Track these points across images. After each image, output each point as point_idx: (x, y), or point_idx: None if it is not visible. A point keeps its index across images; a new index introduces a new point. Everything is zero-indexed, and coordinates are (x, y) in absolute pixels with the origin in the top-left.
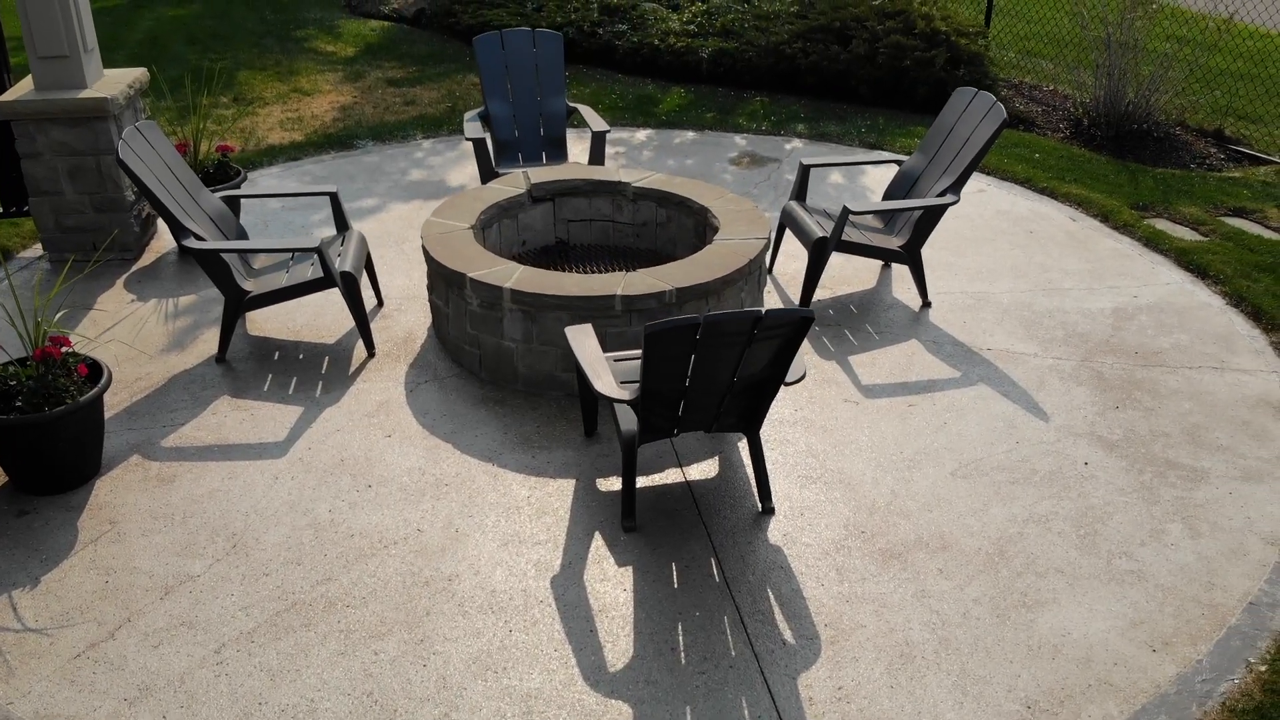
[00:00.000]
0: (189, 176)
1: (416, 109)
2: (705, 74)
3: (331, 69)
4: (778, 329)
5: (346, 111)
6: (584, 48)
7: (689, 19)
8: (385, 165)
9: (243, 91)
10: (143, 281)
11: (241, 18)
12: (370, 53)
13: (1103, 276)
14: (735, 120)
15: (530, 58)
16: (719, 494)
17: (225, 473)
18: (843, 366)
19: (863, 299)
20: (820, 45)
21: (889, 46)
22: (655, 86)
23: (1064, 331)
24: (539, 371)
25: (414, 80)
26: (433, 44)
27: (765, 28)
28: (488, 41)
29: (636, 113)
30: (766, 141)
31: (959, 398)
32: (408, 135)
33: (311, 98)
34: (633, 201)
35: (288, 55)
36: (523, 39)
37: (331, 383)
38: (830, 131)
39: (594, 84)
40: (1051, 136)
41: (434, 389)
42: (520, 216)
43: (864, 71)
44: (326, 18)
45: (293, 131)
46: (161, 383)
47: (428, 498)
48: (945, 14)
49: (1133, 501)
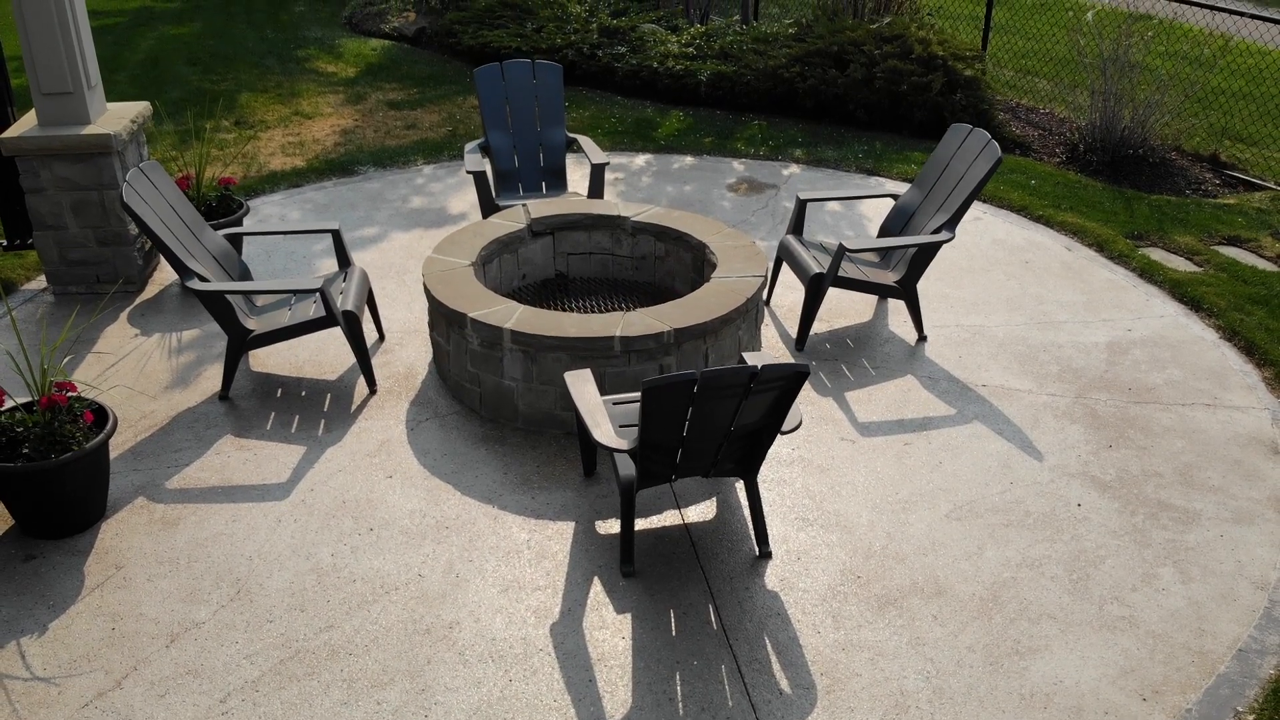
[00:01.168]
0: (191, 215)
1: (417, 133)
2: (704, 97)
3: (333, 90)
4: (774, 383)
5: (348, 135)
6: (583, 70)
7: (687, 41)
8: (386, 192)
9: (244, 115)
10: (146, 315)
11: (242, 36)
12: (371, 73)
13: (1097, 309)
14: (733, 145)
15: (530, 89)
16: (717, 537)
17: (229, 515)
18: (839, 404)
19: (859, 332)
20: (818, 69)
21: (886, 71)
22: (654, 109)
23: (1059, 367)
24: (539, 410)
25: (414, 102)
26: (433, 64)
27: (763, 51)
28: (488, 73)
29: (635, 137)
30: (764, 167)
31: (954, 436)
32: (408, 160)
33: (313, 121)
34: (632, 235)
35: (289, 76)
36: (522, 70)
37: (334, 421)
38: (827, 157)
39: (593, 107)
40: (1048, 161)
41: (435, 427)
42: (520, 251)
43: (861, 95)
44: (328, 37)
45: (294, 157)
46: (165, 421)
47: (429, 541)
48: (942, 38)
49: (1125, 545)
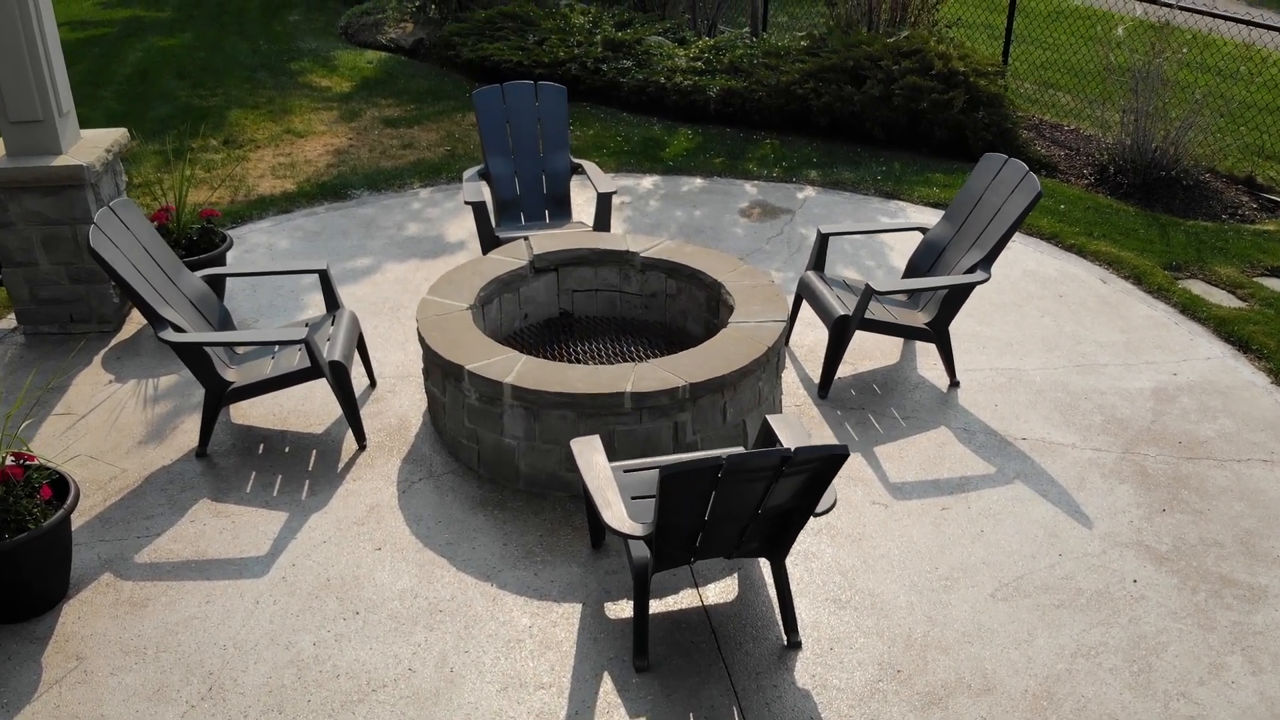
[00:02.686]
0: (167, 257)
1: (414, 153)
2: (713, 114)
3: (326, 107)
4: (808, 465)
5: (341, 156)
6: (587, 85)
7: (695, 55)
8: (380, 218)
9: (234, 133)
10: (121, 358)
11: (234, 48)
12: (367, 88)
13: (1139, 350)
14: (745, 166)
15: (532, 112)
16: (740, 622)
17: (202, 595)
18: (869, 461)
19: (886, 376)
20: (833, 86)
21: (905, 88)
22: (661, 127)
23: (1102, 417)
24: (542, 471)
25: (411, 120)
26: (431, 78)
27: (775, 66)
28: (488, 95)
29: (642, 158)
30: (778, 190)
31: (995, 499)
32: (404, 183)
33: (305, 139)
34: (641, 272)
35: (281, 91)
36: (524, 92)
37: (319, 481)
38: (844, 179)
39: (598, 124)
40: (1076, 183)
41: (429, 489)
42: (522, 290)
43: (879, 113)
44: (322, 48)
45: (285, 179)
46: (138, 483)
47: (420, 627)
48: (963, 52)
49: (1188, 629)
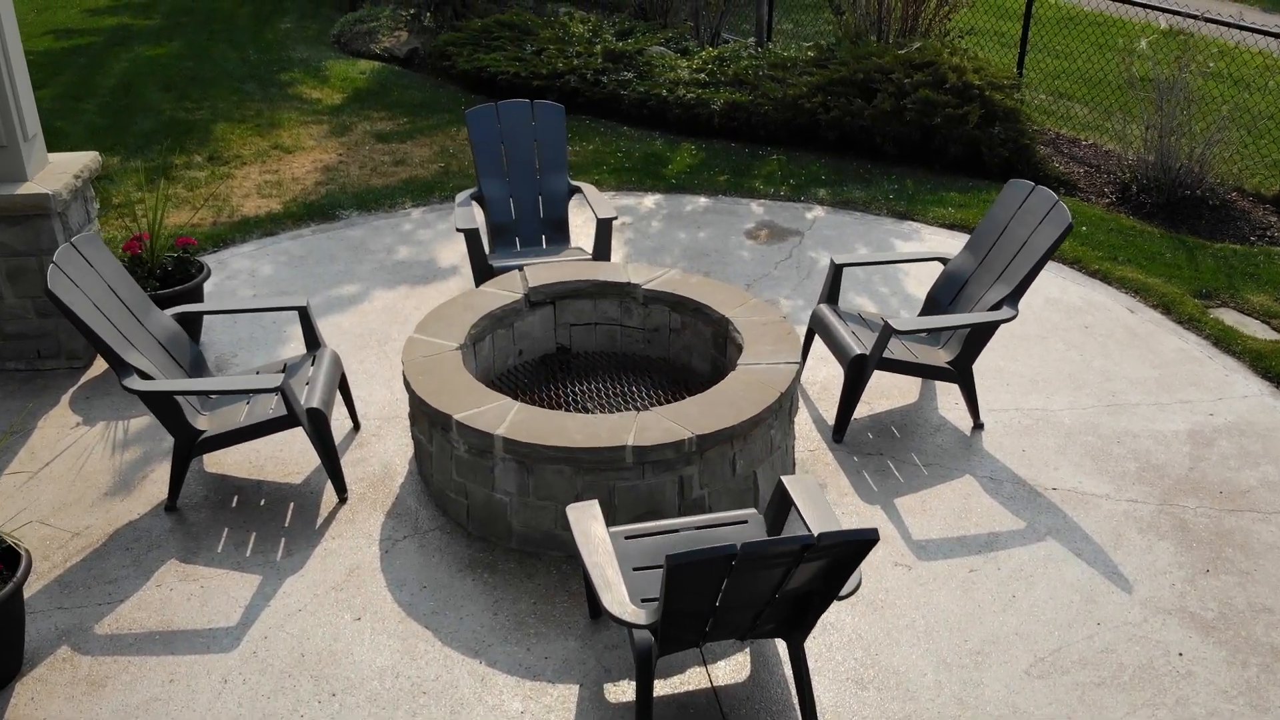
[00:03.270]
0: (135, 296)
1: (406, 170)
2: (717, 128)
3: (316, 120)
4: (832, 550)
5: (330, 173)
6: (587, 97)
7: (698, 66)
8: (370, 240)
9: (219, 149)
10: (91, 397)
11: (223, 57)
12: (358, 100)
13: (1172, 387)
14: (751, 183)
15: (528, 131)
16: (752, 706)
17: (166, 673)
18: (890, 515)
19: (905, 417)
20: (842, 99)
21: (917, 102)
22: (664, 142)
23: (1137, 464)
24: (536, 529)
25: (404, 134)
26: (425, 89)
27: (781, 78)
28: (481, 115)
29: (644, 175)
30: (785, 209)
31: (1026, 559)
32: (396, 203)
33: (293, 156)
34: (643, 305)
35: (270, 104)
36: (520, 111)
37: (295, 539)
38: (855, 197)
39: (598, 139)
40: (1097, 203)
41: (413, 547)
42: (516, 325)
43: (890, 128)
44: (314, 58)
45: (270, 199)
46: (102, 540)
47: (402, 712)
48: (978, 65)
49: (1240, 710)
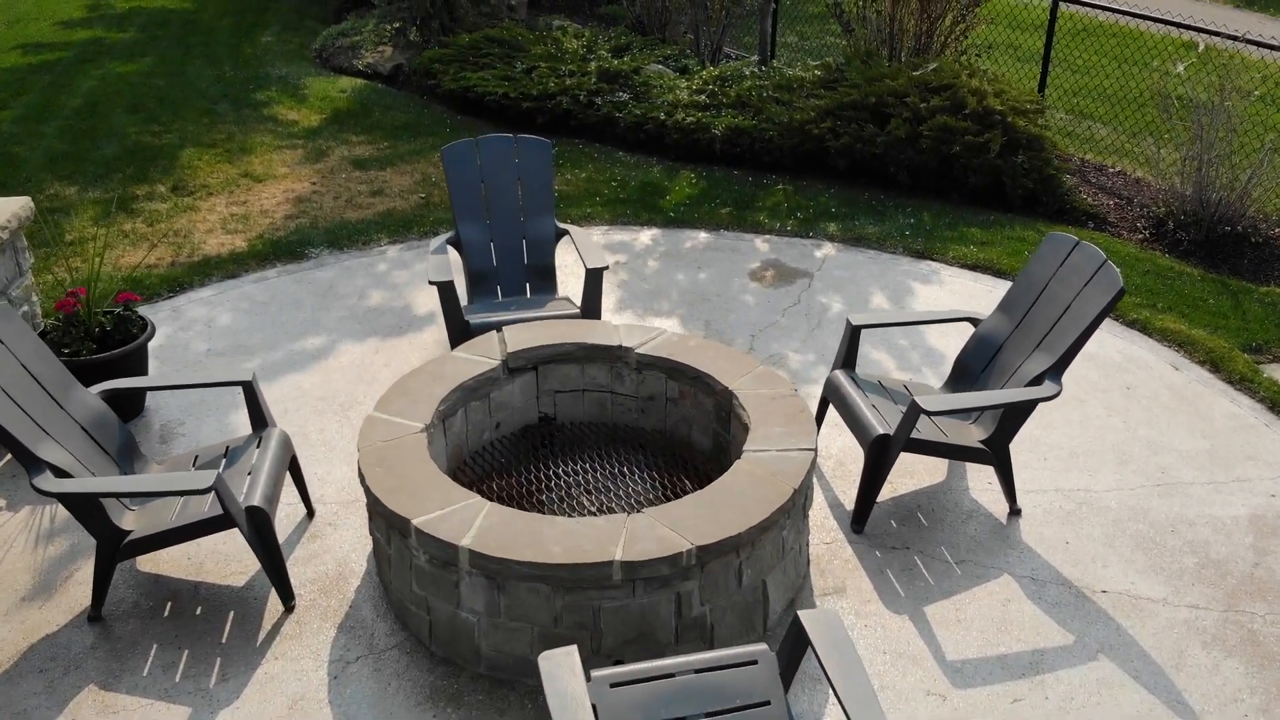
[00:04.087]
0: (54, 373)
1: (384, 201)
2: (718, 154)
3: (290, 145)
4: None
5: (302, 205)
6: (580, 120)
7: (699, 87)
8: (340, 284)
9: (184, 178)
10: (18, 476)
11: (197, 75)
12: (337, 122)
13: (1227, 461)
14: (755, 217)
15: (512, 170)
16: None
17: None
18: (920, 627)
19: (933, 500)
20: (853, 125)
21: (934, 129)
22: (661, 169)
23: (1195, 558)
24: (507, 654)
25: (384, 160)
26: (409, 110)
27: (787, 101)
28: (459, 152)
29: (640, 207)
30: (793, 246)
31: (1077, 684)
32: (370, 239)
33: (263, 185)
34: (637, 371)
35: (242, 126)
36: (502, 148)
37: (233, 659)
38: (867, 233)
39: (591, 166)
40: (1129, 239)
41: (367, 671)
42: (493, 395)
43: (904, 156)
44: (293, 75)
45: (236, 234)
46: (13, 659)
47: None
48: (999, 88)
49: None
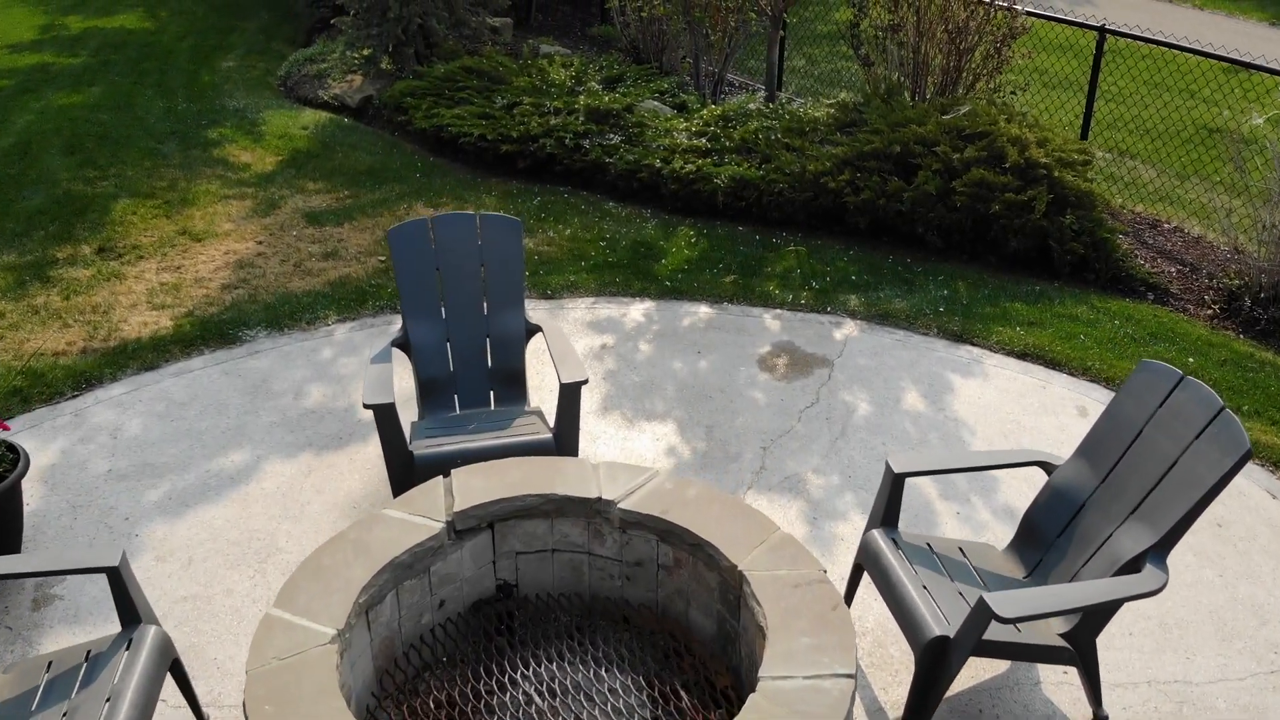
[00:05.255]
0: None
1: (337, 267)
2: (721, 207)
3: (239, 194)
4: None
5: (243, 272)
6: (565, 165)
7: (699, 128)
8: (276, 376)
9: (114, 236)
10: None
11: (146, 108)
12: (294, 165)
13: None
14: (764, 286)
15: (473, 253)
16: None
17: None
18: None
19: (997, 698)
20: (874, 177)
21: (969, 185)
22: (656, 224)
23: None
24: None
25: (342, 213)
26: (376, 150)
27: (799, 148)
28: (408, 235)
29: (632, 273)
30: (808, 324)
31: None
32: (316, 316)
33: (202, 245)
34: (620, 530)
35: (188, 171)
36: (462, 228)
37: None
38: (895, 309)
39: (577, 219)
40: (1197, 316)
41: None
42: (435, 568)
43: (934, 215)
44: (252, 107)
45: (163, 310)
46: None
47: None
48: (1042, 135)
49: None
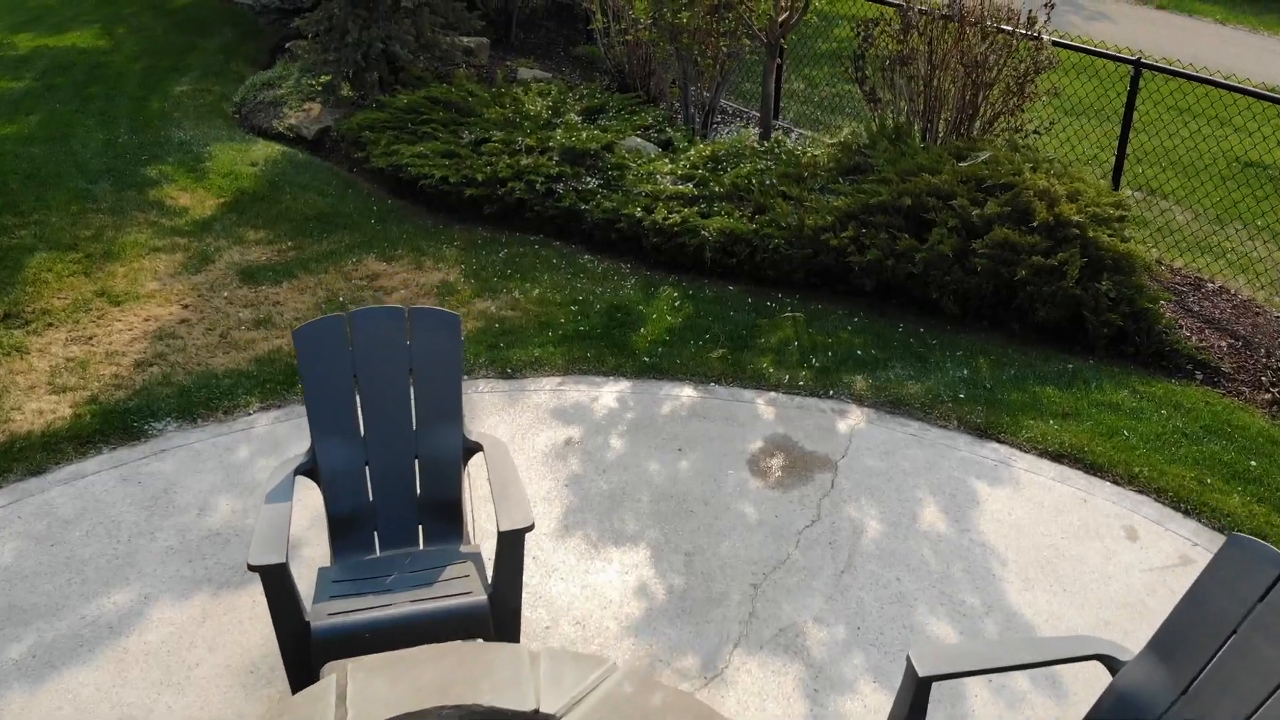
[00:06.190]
0: None
1: (268, 338)
2: (709, 263)
3: (170, 246)
4: None
5: (161, 344)
6: (536, 212)
7: (686, 170)
8: (181, 484)
9: (22, 299)
10: None
11: (83, 140)
12: (237, 209)
13: None
14: (755, 363)
15: (400, 357)
16: None
17: None
18: None
19: None
20: (883, 235)
21: (992, 246)
22: (636, 281)
23: None
24: None
25: (282, 269)
26: (329, 190)
27: (798, 198)
28: (318, 336)
29: (606, 345)
30: (807, 413)
31: None
32: (236, 403)
33: (121, 310)
34: None
35: (119, 217)
36: (386, 325)
37: None
38: (908, 393)
39: (547, 276)
40: (1253, 399)
41: None
42: None
43: (951, 278)
44: (200, 139)
45: (63, 395)
46: None
47: None
48: (1072, 187)
49: None
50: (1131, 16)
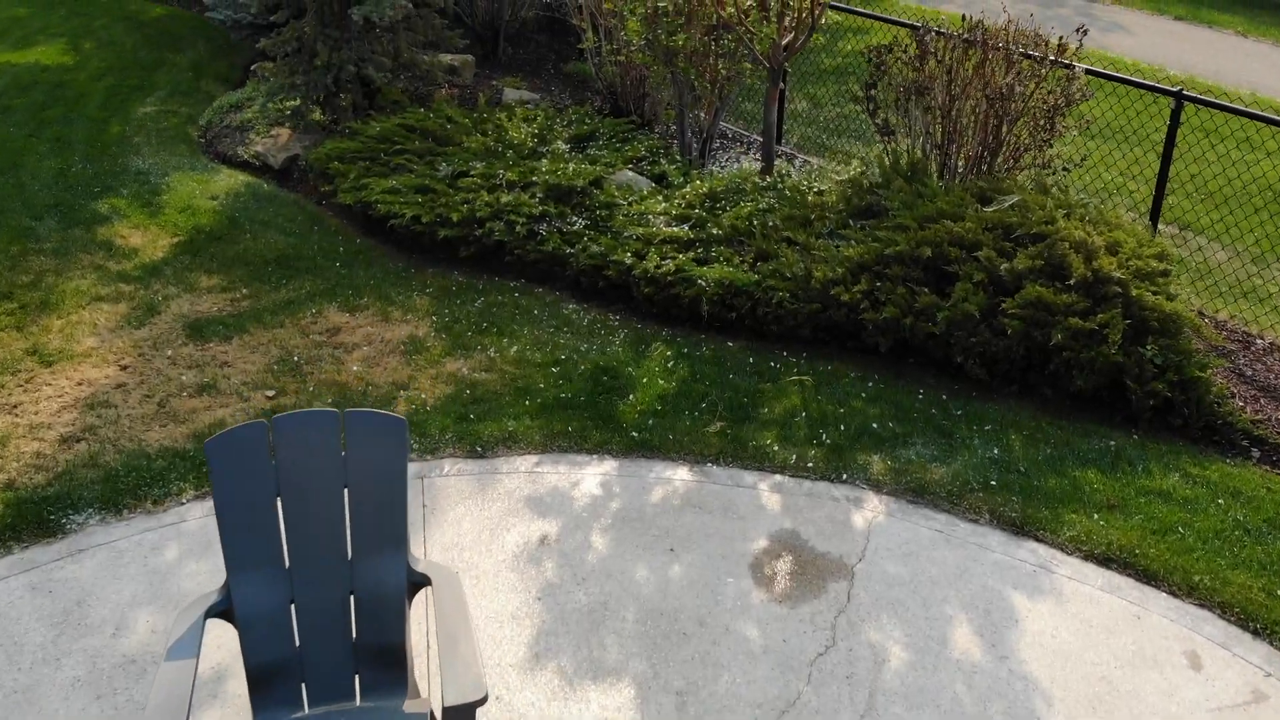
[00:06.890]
0: None
1: (211, 406)
2: (706, 317)
3: (114, 294)
4: None
5: (92, 415)
6: (516, 255)
7: (681, 210)
8: (98, 593)
9: None
10: None
11: (33, 171)
12: (191, 250)
13: None
14: (758, 438)
15: (334, 472)
16: None
17: None
18: None
19: None
20: (900, 289)
21: (1023, 305)
22: (626, 336)
23: None
24: None
25: (234, 322)
26: (292, 229)
27: (805, 244)
28: (235, 449)
29: (590, 417)
30: (817, 503)
31: None
32: (169, 489)
33: (52, 372)
34: None
35: (62, 259)
36: (316, 434)
37: None
38: (932, 480)
39: (528, 329)
40: None
41: None
42: None
43: (976, 340)
44: (159, 168)
45: None
46: None
47: None
48: (1111, 238)
49: None
50: (1149, 28)
